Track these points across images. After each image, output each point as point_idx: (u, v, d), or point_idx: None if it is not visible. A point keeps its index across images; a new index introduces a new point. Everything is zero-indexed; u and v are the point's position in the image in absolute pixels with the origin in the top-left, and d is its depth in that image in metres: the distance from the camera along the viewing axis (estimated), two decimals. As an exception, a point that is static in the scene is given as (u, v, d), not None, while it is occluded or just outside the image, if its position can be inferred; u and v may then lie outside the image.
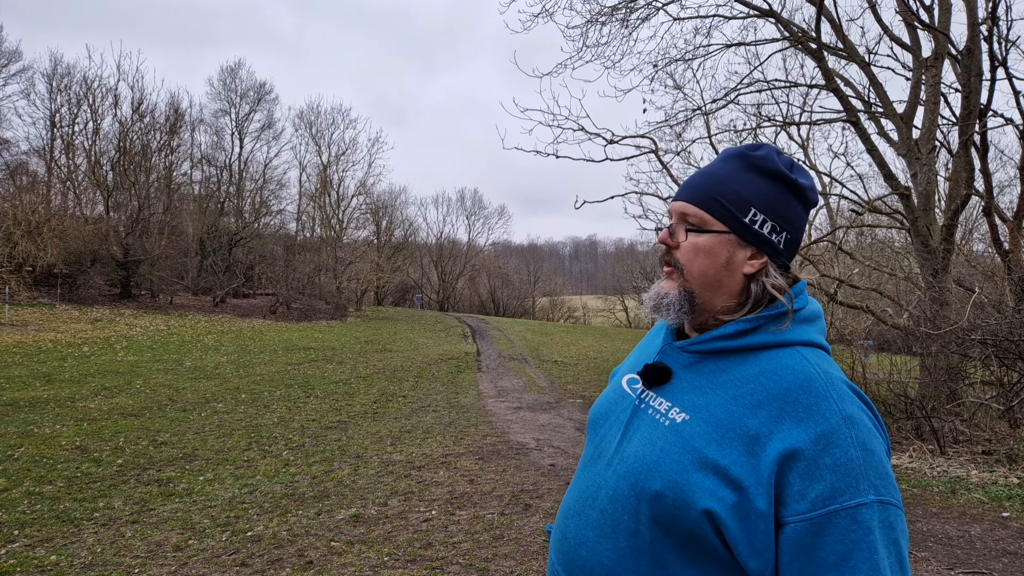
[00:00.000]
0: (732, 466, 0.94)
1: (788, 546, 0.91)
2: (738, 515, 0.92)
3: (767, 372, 0.99)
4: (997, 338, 7.27)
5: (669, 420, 1.03)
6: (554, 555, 1.13)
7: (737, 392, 0.99)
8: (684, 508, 0.95)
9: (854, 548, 0.88)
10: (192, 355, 16.24)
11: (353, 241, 41.47)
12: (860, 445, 0.92)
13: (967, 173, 8.43)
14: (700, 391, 1.03)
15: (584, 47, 10.88)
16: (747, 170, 1.06)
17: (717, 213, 1.04)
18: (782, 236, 1.05)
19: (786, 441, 0.92)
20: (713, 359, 1.05)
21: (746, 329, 1.03)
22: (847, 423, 0.93)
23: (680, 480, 0.96)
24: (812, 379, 0.97)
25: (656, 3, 10.59)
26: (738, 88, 11.09)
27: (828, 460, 0.90)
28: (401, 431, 8.47)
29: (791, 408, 0.95)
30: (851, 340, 10.20)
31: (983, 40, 7.92)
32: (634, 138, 10.58)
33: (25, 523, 4.82)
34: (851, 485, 0.90)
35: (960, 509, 5.51)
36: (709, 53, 11.17)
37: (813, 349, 1.03)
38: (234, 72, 38.19)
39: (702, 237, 1.05)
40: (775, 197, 1.05)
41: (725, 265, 1.04)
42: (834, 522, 0.89)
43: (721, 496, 0.93)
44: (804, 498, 0.90)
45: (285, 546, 4.45)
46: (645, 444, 1.03)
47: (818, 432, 0.92)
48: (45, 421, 8.39)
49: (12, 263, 24.00)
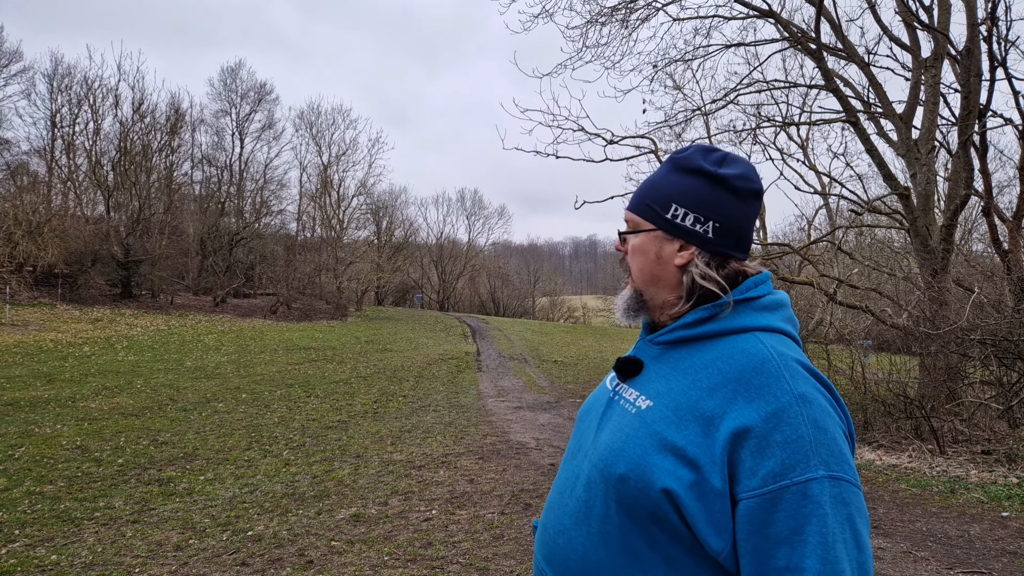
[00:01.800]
0: (688, 446, 0.97)
1: (742, 522, 0.93)
2: (695, 494, 0.95)
3: (724, 356, 1.03)
4: (996, 338, 7.28)
5: (635, 408, 1.07)
6: (536, 548, 1.16)
7: (696, 376, 1.03)
8: (645, 489, 0.98)
9: (804, 522, 0.89)
10: (193, 355, 16.25)
11: (353, 241, 41.48)
12: (811, 422, 0.94)
13: (966, 173, 8.44)
14: (664, 378, 1.07)
15: (584, 47, 10.90)
16: (672, 171, 1.12)
17: (645, 214, 1.12)
18: (708, 226, 1.09)
19: (738, 420, 0.95)
20: (677, 348, 1.09)
21: (704, 317, 1.07)
22: (799, 401, 0.95)
23: (641, 462, 0.99)
24: (765, 360, 0.99)
25: (656, 3, 10.61)
26: (738, 88, 11.10)
27: (778, 437, 0.92)
28: (401, 431, 8.48)
29: (744, 389, 0.97)
30: (851, 340, 10.21)
31: (982, 40, 7.93)
32: (634, 138, 10.59)
33: (26, 523, 4.83)
34: (801, 461, 0.91)
35: (959, 509, 5.52)
36: (709, 53, 11.19)
37: (772, 334, 1.06)
38: (235, 72, 38.23)
39: (637, 238, 1.13)
40: (697, 190, 1.09)
41: (656, 260, 1.11)
42: (785, 497, 0.90)
43: (679, 475, 0.96)
44: (755, 475, 0.92)
45: (285, 545, 4.46)
46: (614, 432, 1.07)
47: (769, 410, 0.94)
48: (46, 421, 8.40)
49: (13, 263, 24.02)
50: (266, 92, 38.52)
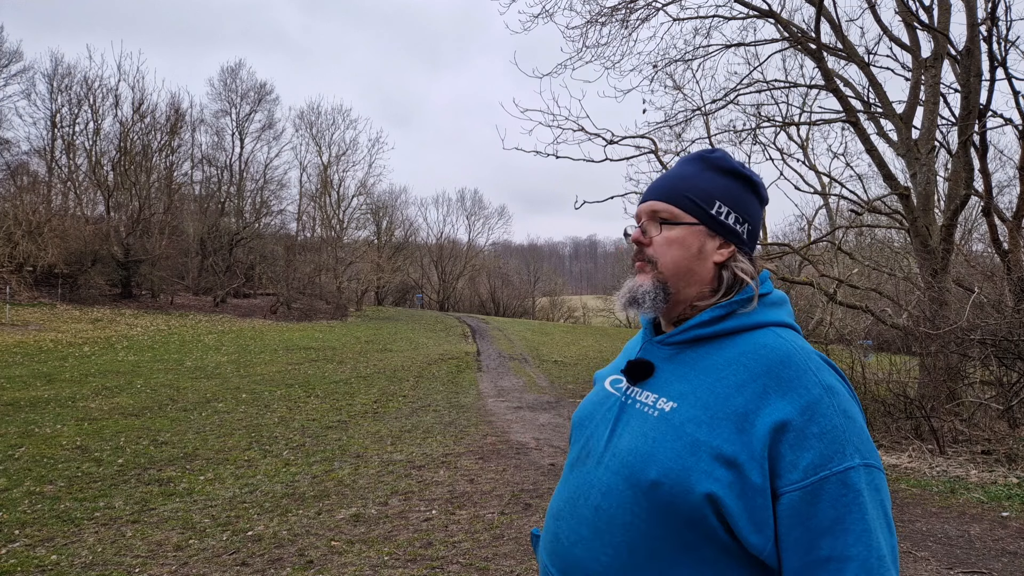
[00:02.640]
0: (725, 445, 0.97)
1: (785, 515, 0.94)
2: (736, 492, 0.95)
3: (747, 352, 1.04)
4: (996, 338, 7.28)
5: (658, 411, 1.05)
6: (547, 557, 1.12)
7: (720, 375, 1.03)
8: (684, 494, 0.96)
9: (846, 512, 0.92)
10: (193, 355, 16.25)
11: (353, 241, 41.48)
12: (842, 412, 0.97)
13: (966, 173, 8.44)
14: (684, 379, 1.06)
15: (584, 48, 10.89)
16: (708, 169, 1.14)
17: (686, 207, 1.11)
18: (744, 227, 1.13)
19: (774, 415, 0.96)
20: (693, 348, 1.09)
21: (720, 315, 1.08)
22: (828, 392, 0.98)
23: (676, 466, 0.98)
24: (791, 354, 1.02)
25: (656, 3, 10.60)
26: (738, 88, 11.10)
27: (815, 429, 0.95)
28: (401, 431, 8.48)
29: (774, 383, 0.99)
30: (851, 340, 10.21)
31: (982, 40, 7.92)
32: (634, 138, 10.59)
33: (26, 523, 4.83)
34: (838, 451, 0.94)
35: (959, 509, 5.52)
36: (709, 53, 11.19)
37: (785, 329, 1.09)
38: (235, 72, 38.22)
39: (675, 230, 1.11)
40: (736, 192, 1.13)
41: (697, 255, 1.10)
42: (826, 488, 0.93)
43: (718, 476, 0.95)
44: (796, 468, 0.94)
45: (285, 545, 4.46)
46: (636, 436, 1.05)
47: (803, 403, 0.96)
48: (46, 421, 8.40)
49: (13, 263, 24.02)
50: (266, 92, 38.54)
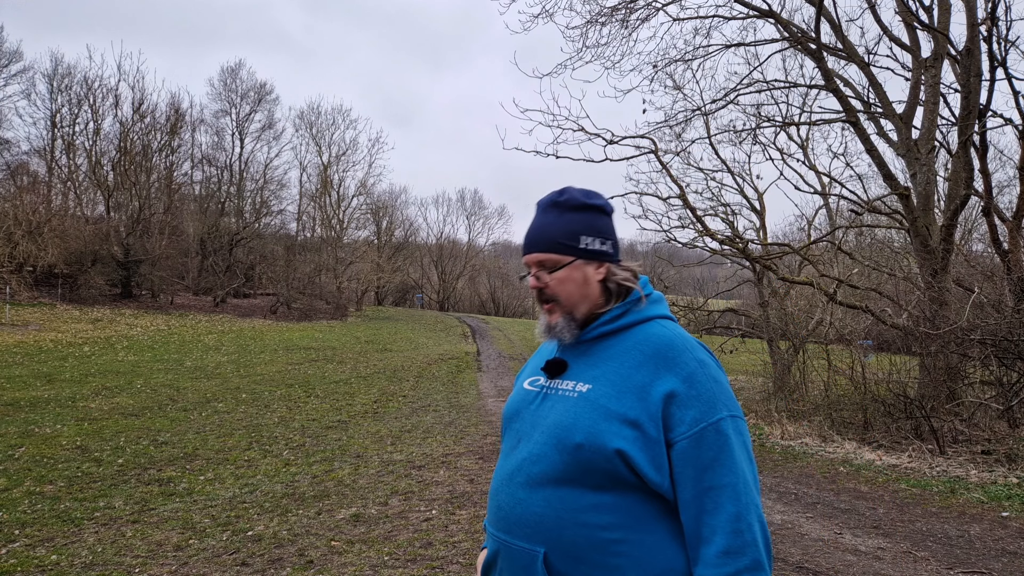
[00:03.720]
0: (629, 411, 1.27)
1: (679, 458, 1.25)
2: (639, 446, 1.25)
3: (640, 341, 1.35)
4: (996, 338, 7.28)
5: (576, 392, 1.34)
6: (492, 528, 1.38)
7: (622, 360, 1.34)
8: (600, 451, 1.25)
9: (720, 451, 1.24)
10: (193, 355, 16.25)
11: (353, 241, 41.49)
12: (712, 379, 1.29)
13: (966, 173, 8.43)
14: (595, 367, 1.36)
15: (584, 48, 10.89)
16: (565, 212, 1.41)
17: (561, 251, 1.39)
18: (608, 244, 1.41)
19: (665, 385, 1.28)
20: (598, 343, 1.39)
21: (618, 314, 1.39)
22: (701, 366, 1.30)
23: (593, 430, 1.27)
24: (672, 339, 1.34)
25: (656, 3, 10.60)
26: (738, 88, 11.09)
27: (694, 392, 1.27)
28: (401, 431, 8.48)
29: (663, 362, 1.30)
30: (851, 340, 10.21)
31: (982, 40, 7.92)
32: (634, 138, 10.58)
33: (26, 523, 4.83)
34: (712, 407, 1.26)
35: (959, 509, 5.52)
36: (709, 53, 11.18)
37: (667, 320, 1.41)
38: (235, 72, 38.24)
39: (560, 272, 1.39)
40: (591, 221, 1.41)
41: (584, 283, 1.39)
42: (705, 435, 1.24)
43: (625, 436, 1.25)
44: (683, 422, 1.25)
45: (285, 545, 4.46)
46: (560, 413, 1.33)
47: (684, 375, 1.28)
48: (46, 421, 8.40)
49: (13, 263, 24.02)
50: (266, 92, 38.56)
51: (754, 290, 14.61)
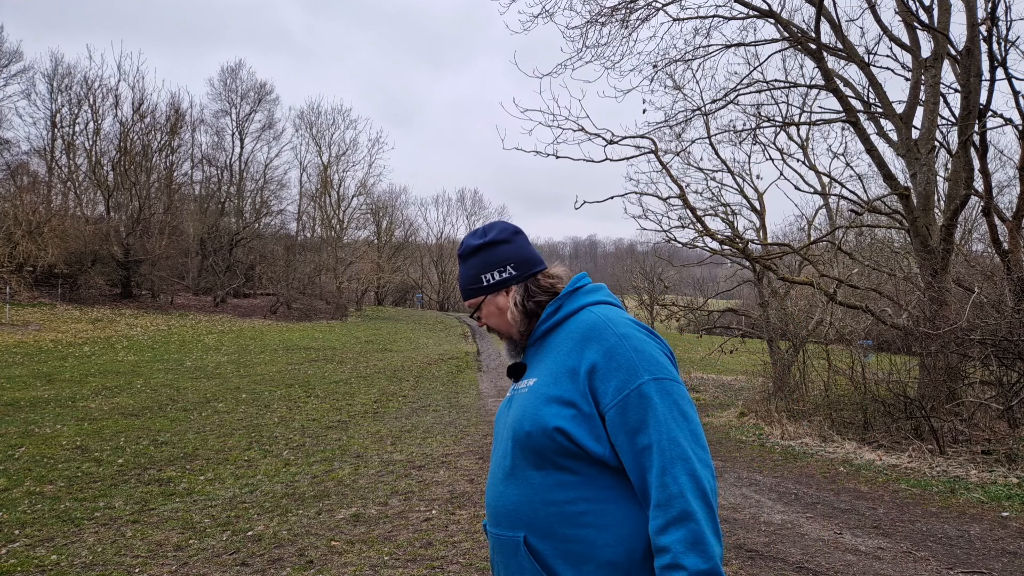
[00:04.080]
0: (564, 393, 1.39)
1: (611, 428, 1.34)
2: (576, 423, 1.36)
3: (570, 329, 1.48)
4: (996, 338, 7.27)
5: (527, 388, 1.48)
6: (487, 523, 1.52)
7: (558, 350, 1.47)
8: (543, 432, 1.37)
9: (645, 413, 1.31)
10: (193, 355, 16.25)
11: (353, 241, 41.49)
12: (633, 349, 1.37)
13: (966, 173, 8.43)
14: (541, 362, 1.51)
15: (584, 47, 10.88)
16: (466, 260, 1.61)
17: (473, 293, 1.60)
18: (507, 271, 1.57)
19: (587, 361, 1.38)
20: (543, 341, 1.54)
21: (551, 311, 1.54)
22: (622, 339, 1.38)
23: (536, 416, 1.39)
24: (596, 321, 1.45)
25: (656, 4, 10.59)
26: (738, 88, 11.09)
27: (613, 364, 1.35)
28: (401, 431, 8.48)
29: (586, 342, 1.41)
30: (851, 340, 10.20)
31: (982, 40, 7.91)
32: (634, 138, 10.58)
33: (26, 523, 4.83)
34: (632, 374, 1.33)
35: (959, 509, 5.52)
36: (709, 53, 11.17)
37: (600, 305, 1.51)
38: (234, 72, 38.25)
39: (481, 310, 1.61)
40: (483, 258, 1.58)
41: (500, 311, 1.58)
42: (629, 401, 1.32)
43: (563, 415, 1.37)
44: (607, 393, 1.34)
45: (285, 545, 4.46)
46: (516, 409, 1.47)
47: (604, 349, 1.38)
48: (46, 421, 8.40)
49: (13, 263, 24.01)
50: (266, 92, 38.57)
51: (754, 290, 14.62)
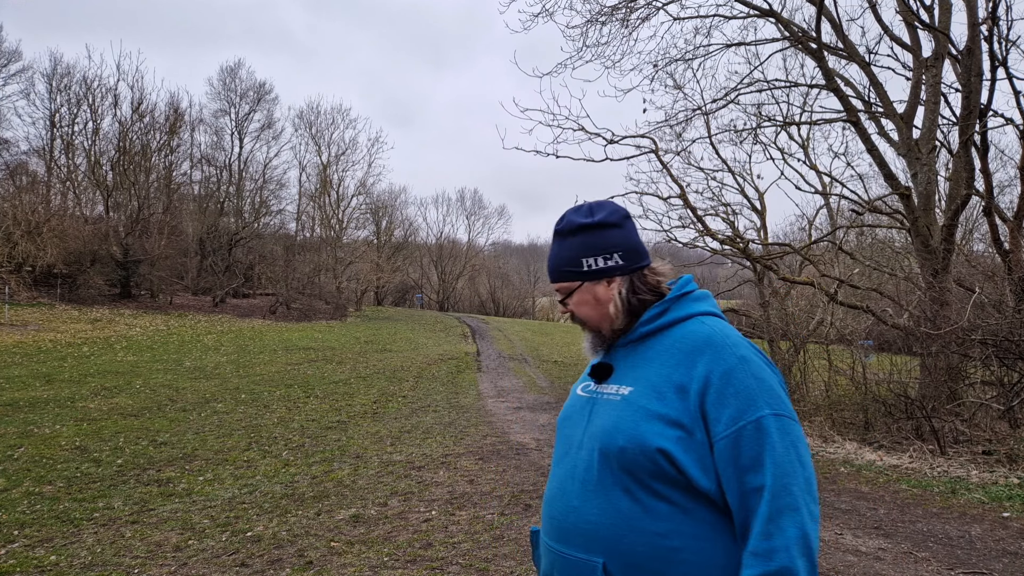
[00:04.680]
0: (671, 412, 1.25)
1: (719, 460, 1.22)
2: (683, 447, 1.22)
3: (678, 339, 1.33)
4: (997, 338, 7.26)
5: (619, 396, 1.34)
6: (547, 538, 1.37)
7: (662, 360, 1.32)
8: (643, 452, 1.23)
9: (761, 450, 1.19)
10: (192, 355, 16.23)
11: (353, 241, 41.46)
12: (753, 376, 1.24)
13: (967, 173, 8.42)
14: (636, 368, 1.36)
15: (584, 47, 10.87)
16: (565, 239, 1.44)
17: (568, 278, 1.42)
18: (614, 258, 1.40)
19: (699, 380, 1.24)
20: (640, 344, 1.39)
21: (656, 314, 1.38)
22: (741, 361, 1.25)
23: (635, 432, 1.25)
24: (711, 335, 1.31)
25: (656, 3, 10.58)
26: (738, 88, 11.07)
27: (731, 389, 1.22)
28: (401, 431, 8.46)
29: (700, 358, 1.27)
30: (851, 340, 10.19)
31: (983, 40, 7.91)
32: (634, 138, 10.56)
33: (25, 523, 4.82)
34: (751, 404, 1.21)
35: (960, 509, 5.50)
36: (709, 53, 11.16)
37: (709, 317, 1.37)
38: (234, 72, 38.19)
39: (573, 297, 1.43)
40: (590, 241, 1.41)
41: (596, 303, 1.41)
42: (744, 434, 1.20)
43: (667, 435, 1.23)
44: (720, 421, 1.21)
45: (285, 546, 4.45)
46: (605, 418, 1.33)
47: (721, 371, 1.24)
48: (45, 421, 8.39)
49: (12, 263, 23.99)
50: (265, 92, 38.51)
51: (755, 290, 14.60)
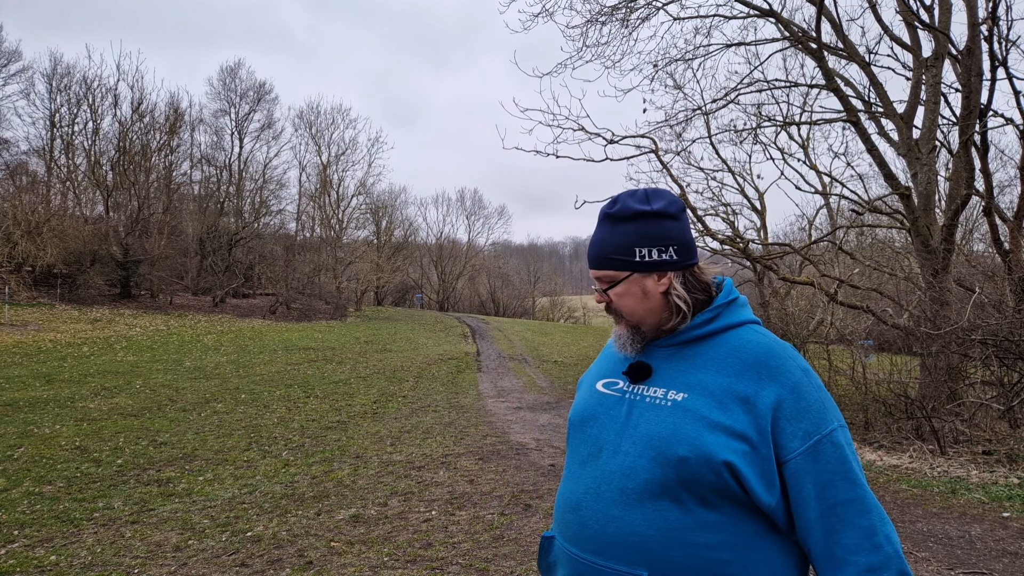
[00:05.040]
0: (736, 424, 1.20)
1: (795, 475, 1.19)
2: (748, 461, 1.18)
3: (737, 348, 1.27)
4: (997, 338, 7.26)
5: (670, 401, 1.25)
6: (575, 548, 1.28)
7: (719, 367, 1.26)
8: (707, 464, 1.17)
9: (838, 463, 1.18)
10: (192, 355, 16.23)
11: (353, 241, 41.45)
12: (818, 388, 1.24)
13: (967, 173, 8.42)
14: (687, 373, 1.28)
15: (584, 47, 10.87)
16: (617, 224, 1.33)
17: (616, 267, 1.32)
18: (669, 252, 1.30)
19: (771, 396, 1.20)
20: (687, 348, 1.31)
21: (709, 318, 1.31)
22: (806, 374, 1.24)
23: (698, 442, 1.19)
24: (772, 347, 1.27)
25: (656, 3, 10.58)
26: (738, 88, 11.08)
27: (803, 404, 1.20)
28: (401, 431, 8.46)
29: (766, 371, 1.23)
30: (851, 340, 10.19)
31: (983, 40, 7.91)
32: (634, 138, 10.56)
33: (25, 523, 4.82)
34: (823, 418, 1.20)
35: (960, 509, 5.50)
36: (709, 53, 11.16)
37: (758, 325, 1.34)
38: (234, 72, 38.18)
39: (618, 287, 1.33)
40: (645, 230, 1.31)
41: (643, 296, 1.31)
42: (821, 448, 1.18)
43: (734, 448, 1.18)
44: (796, 436, 1.19)
45: (285, 546, 4.45)
46: (655, 424, 1.24)
47: (791, 385, 1.21)
48: (45, 421, 8.38)
49: (12, 263, 23.99)
50: (265, 92, 38.49)
51: (755, 290, 14.61)
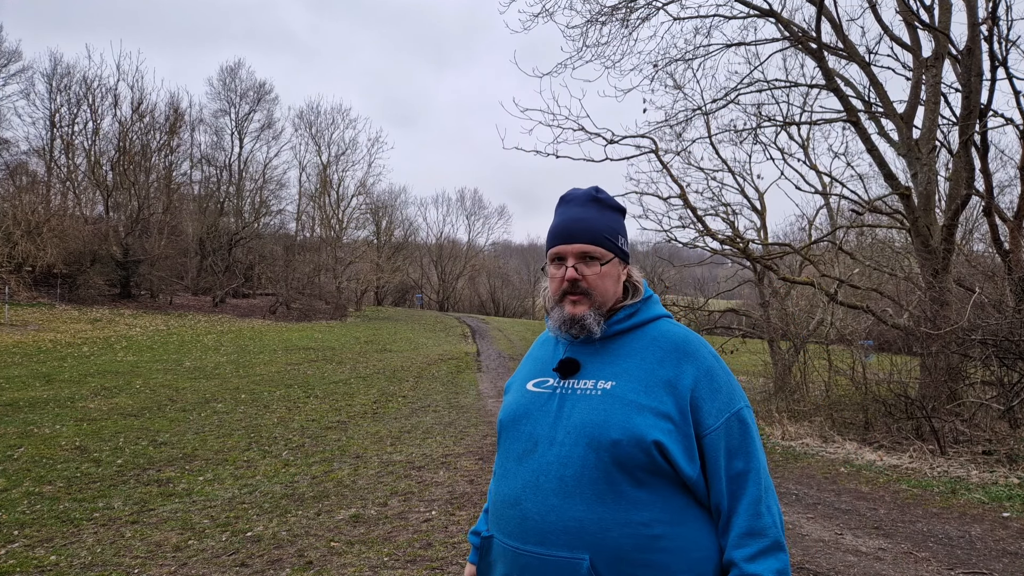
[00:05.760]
0: (661, 405, 1.31)
1: (711, 448, 1.31)
2: (674, 438, 1.29)
3: (657, 338, 1.40)
4: (997, 338, 7.26)
5: (600, 390, 1.35)
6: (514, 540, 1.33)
7: (643, 356, 1.38)
8: (638, 444, 1.26)
9: (744, 439, 1.32)
10: (192, 355, 16.23)
11: (353, 241, 41.48)
12: (725, 371, 1.38)
13: (967, 173, 8.42)
14: (613, 364, 1.38)
15: (584, 47, 10.86)
16: (605, 209, 1.46)
17: (607, 246, 1.42)
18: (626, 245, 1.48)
19: (690, 378, 1.33)
20: (612, 342, 1.42)
21: (630, 313, 1.44)
22: (716, 359, 1.39)
23: (629, 425, 1.28)
24: (688, 336, 1.41)
25: (656, 3, 10.57)
26: (738, 88, 11.07)
27: (715, 385, 1.34)
28: (401, 431, 8.46)
29: (684, 356, 1.36)
30: (851, 340, 10.19)
31: (983, 40, 7.90)
32: (634, 138, 10.56)
33: (25, 523, 4.82)
34: (732, 398, 1.34)
35: (960, 509, 5.50)
36: (709, 53, 11.15)
37: (671, 318, 1.48)
38: (234, 72, 38.20)
39: (606, 266, 1.42)
40: (621, 222, 1.48)
41: (617, 280, 1.44)
42: (731, 424, 1.32)
43: (661, 427, 1.28)
44: (710, 414, 1.32)
45: (285, 546, 4.45)
46: (587, 412, 1.33)
47: (704, 368, 1.35)
48: (45, 421, 8.38)
49: (12, 263, 23.99)
50: (265, 92, 38.53)
51: (755, 290, 14.60)
